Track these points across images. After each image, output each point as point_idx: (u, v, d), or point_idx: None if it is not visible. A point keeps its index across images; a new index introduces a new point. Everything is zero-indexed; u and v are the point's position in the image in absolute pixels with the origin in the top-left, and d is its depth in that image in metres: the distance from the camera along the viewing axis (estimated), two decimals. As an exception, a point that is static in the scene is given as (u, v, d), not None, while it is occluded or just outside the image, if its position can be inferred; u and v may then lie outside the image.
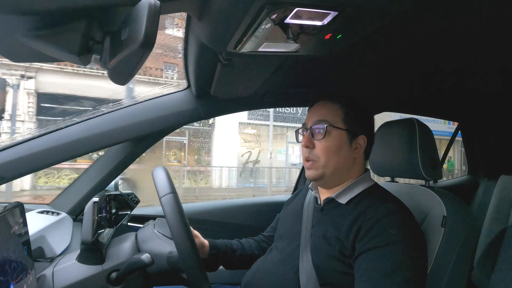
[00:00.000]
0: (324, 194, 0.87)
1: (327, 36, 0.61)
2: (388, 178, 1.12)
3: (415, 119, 0.98)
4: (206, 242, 0.93)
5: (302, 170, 1.68)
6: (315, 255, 0.77)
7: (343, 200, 0.81)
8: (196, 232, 0.92)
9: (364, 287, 0.67)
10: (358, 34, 0.63)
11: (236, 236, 1.07)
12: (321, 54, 0.71)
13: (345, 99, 0.85)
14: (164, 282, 1.00)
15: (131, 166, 1.24)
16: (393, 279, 0.66)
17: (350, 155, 0.82)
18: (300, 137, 0.87)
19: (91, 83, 6.80)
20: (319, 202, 0.87)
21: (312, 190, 0.91)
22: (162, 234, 0.86)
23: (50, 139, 1.01)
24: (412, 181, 1.13)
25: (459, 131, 1.80)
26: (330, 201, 0.83)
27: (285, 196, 1.59)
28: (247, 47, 0.65)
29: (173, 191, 0.71)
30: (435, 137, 1.00)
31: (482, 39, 0.74)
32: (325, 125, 0.80)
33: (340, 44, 0.67)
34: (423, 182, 1.01)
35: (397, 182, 1.09)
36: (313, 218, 0.85)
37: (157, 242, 0.83)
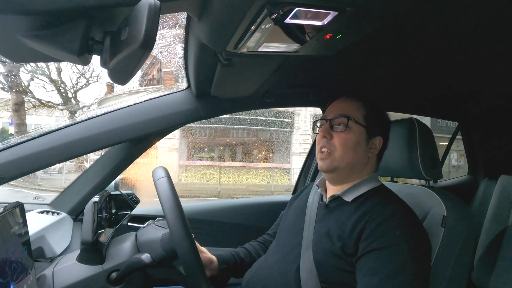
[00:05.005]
0: (330, 192, 0.87)
1: (327, 36, 0.61)
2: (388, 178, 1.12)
3: (415, 119, 0.98)
4: (214, 258, 0.92)
5: (302, 171, 1.68)
6: (317, 251, 0.77)
7: (349, 198, 0.81)
8: (202, 248, 0.92)
9: (367, 287, 0.68)
10: (358, 34, 0.63)
11: (236, 236, 1.07)
12: (321, 54, 0.71)
13: (367, 99, 0.87)
14: (164, 283, 1.00)
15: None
16: (396, 280, 0.66)
17: (365, 153, 0.83)
18: (317, 129, 0.88)
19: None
20: (324, 200, 0.88)
21: (318, 188, 0.91)
22: (161, 227, 0.86)
23: (50, 139, 1.01)
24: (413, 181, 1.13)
25: (459, 131, 1.80)
26: (335, 198, 0.84)
27: (285, 196, 1.59)
28: (247, 47, 0.65)
29: (167, 175, 0.74)
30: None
31: (483, 38, 0.74)
32: (347, 119, 0.81)
33: (340, 44, 0.67)
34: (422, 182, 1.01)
35: (397, 182, 1.09)
36: (317, 214, 0.85)
37: (153, 231, 0.83)
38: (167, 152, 8.80)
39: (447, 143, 1.86)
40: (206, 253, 0.92)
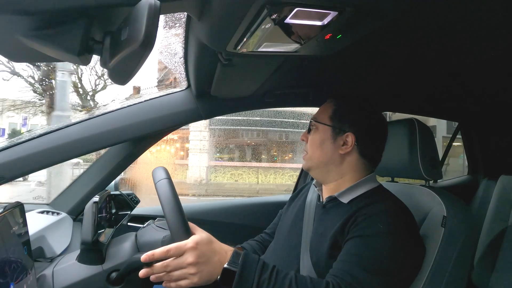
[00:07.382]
0: (326, 193, 0.88)
1: (327, 36, 0.61)
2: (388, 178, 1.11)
3: (415, 119, 0.98)
4: None
5: (302, 170, 1.68)
6: (314, 252, 0.78)
7: (345, 199, 0.82)
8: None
9: (339, 267, 0.69)
10: (358, 34, 0.63)
11: (236, 236, 1.07)
12: (321, 54, 0.71)
13: (338, 97, 0.89)
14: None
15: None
16: (367, 267, 0.67)
17: (334, 151, 0.84)
18: None
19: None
20: (322, 200, 0.88)
21: (316, 187, 0.92)
22: (161, 227, 0.86)
23: (50, 139, 1.01)
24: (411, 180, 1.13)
25: (459, 131, 1.80)
26: (332, 199, 0.84)
27: (284, 196, 1.59)
28: (247, 47, 0.65)
29: (168, 177, 0.75)
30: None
31: (483, 38, 0.74)
32: (312, 121, 0.88)
33: (340, 44, 0.67)
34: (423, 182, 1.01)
35: (397, 182, 1.09)
36: (315, 215, 0.86)
37: (154, 233, 0.83)
38: (198, 153, 8.92)
39: (460, 143, 1.86)
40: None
